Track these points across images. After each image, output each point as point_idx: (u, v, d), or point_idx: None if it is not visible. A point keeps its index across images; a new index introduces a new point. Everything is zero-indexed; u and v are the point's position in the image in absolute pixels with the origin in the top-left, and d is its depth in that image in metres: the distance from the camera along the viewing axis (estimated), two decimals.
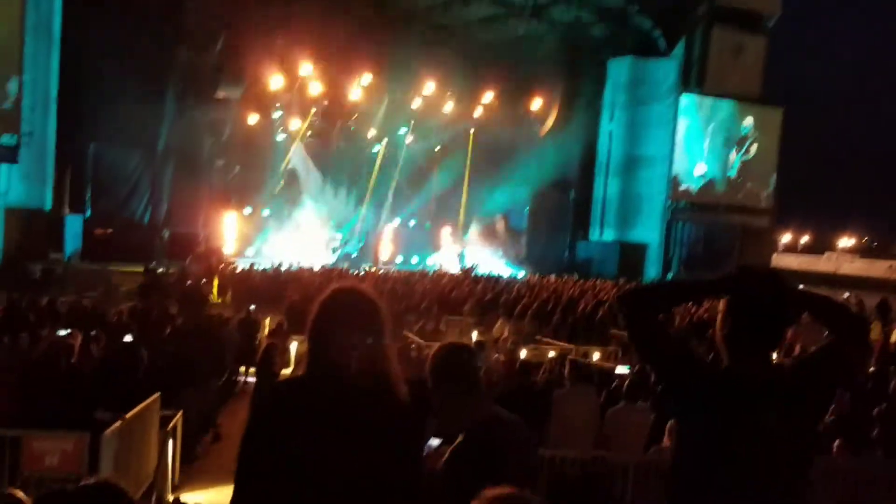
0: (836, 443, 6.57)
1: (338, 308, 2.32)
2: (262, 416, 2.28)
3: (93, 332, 8.11)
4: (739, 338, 2.49)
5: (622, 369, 9.71)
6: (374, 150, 33.95)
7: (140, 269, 21.97)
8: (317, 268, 25.71)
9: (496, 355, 9.94)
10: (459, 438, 2.70)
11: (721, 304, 2.57)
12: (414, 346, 10.65)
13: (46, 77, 23.89)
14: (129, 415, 5.83)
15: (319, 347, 2.30)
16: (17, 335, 7.37)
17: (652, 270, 32.65)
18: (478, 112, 32.72)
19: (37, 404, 5.77)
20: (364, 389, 2.24)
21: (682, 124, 32.13)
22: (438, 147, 35.06)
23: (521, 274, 30.69)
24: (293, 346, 12.11)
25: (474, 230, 35.47)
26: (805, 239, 76.56)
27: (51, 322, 9.76)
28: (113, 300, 15.69)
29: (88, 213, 27.01)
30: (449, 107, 32.11)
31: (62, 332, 8.00)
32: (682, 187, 32.55)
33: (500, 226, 36.33)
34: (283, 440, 2.18)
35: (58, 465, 5.42)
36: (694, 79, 32.16)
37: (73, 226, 25.83)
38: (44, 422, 5.60)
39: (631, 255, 32.53)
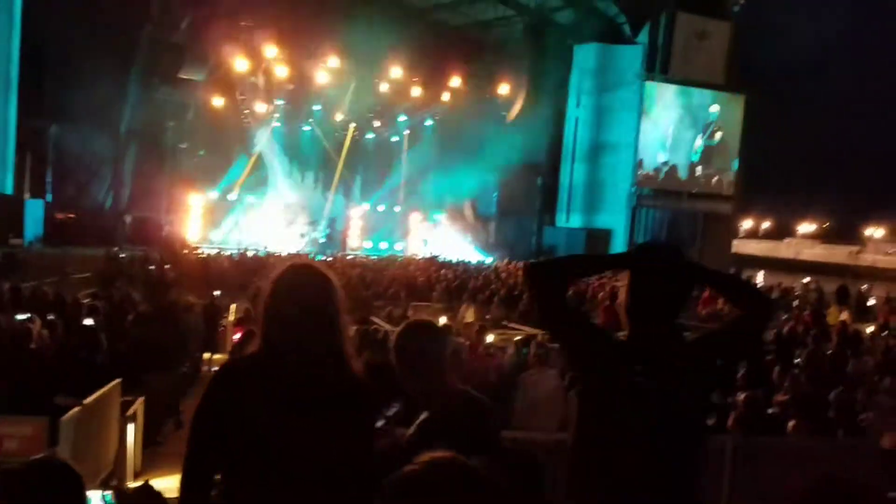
0: (791, 423, 6.70)
1: (290, 284, 2.33)
2: (214, 392, 2.28)
3: (50, 317, 8.00)
4: (638, 309, 2.57)
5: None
6: (342, 134, 33.73)
7: (102, 253, 21.68)
8: (284, 254, 25.55)
9: (462, 340, 9.96)
10: (424, 415, 2.72)
11: (625, 279, 2.63)
12: (380, 331, 10.64)
13: (7, 58, 23.45)
14: (87, 400, 5.78)
15: (272, 323, 2.31)
16: None
17: None
18: (445, 96, 32.64)
19: None
20: (316, 364, 2.26)
21: (647, 110, 32.36)
22: (407, 131, 34.95)
23: (489, 259, 30.80)
24: None
25: (442, 216, 35.48)
26: (766, 225, 77.77)
27: (11, 307, 9.59)
28: (74, 285, 15.46)
29: (49, 197, 26.53)
30: (416, 91, 31.99)
31: (21, 317, 7.86)
32: (647, 173, 32.84)
33: (468, 211, 36.36)
34: (235, 416, 2.19)
35: (17, 449, 5.36)
36: (659, 65, 32.35)
37: (34, 210, 25.40)
38: (2, 407, 5.53)
39: (597, 240, 32.74)
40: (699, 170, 33.63)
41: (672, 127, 32.95)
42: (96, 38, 24.27)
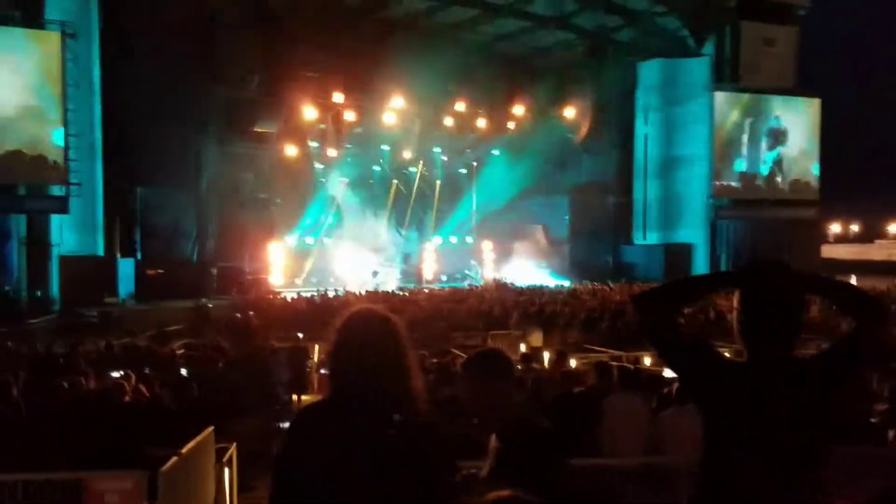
0: (892, 433, 6.42)
1: (353, 332, 2.41)
2: (290, 440, 2.37)
3: (146, 371, 8.35)
4: (754, 330, 2.52)
5: (672, 373, 9.59)
6: (411, 171, 34.23)
7: (191, 305, 22.46)
8: (362, 292, 25.93)
9: (539, 366, 9.92)
10: (493, 442, 2.78)
11: (734, 300, 2.59)
12: (457, 361, 10.68)
13: (90, 127, 24.66)
14: (184, 449, 5.98)
15: (338, 370, 2.40)
16: (74, 379, 7.62)
17: (699, 270, 32.19)
18: (510, 125, 32.81)
19: (94, 445, 5.96)
20: (383, 408, 2.32)
21: (719, 121, 31.76)
22: (474, 163, 35.20)
23: (566, 283, 30.55)
24: None
25: (515, 243, 35.44)
26: (855, 228, 74.69)
27: (107, 364, 10.04)
28: (166, 338, 16.04)
29: (139, 255, 27.70)
30: (481, 122, 32.26)
31: (116, 374, 8.23)
32: (724, 184, 32.13)
33: (540, 236, 36.23)
34: (309, 462, 2.27)
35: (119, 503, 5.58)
36: (727, 74, 31.82)
37: (126, 269, 26.53)
38: (101, 462, 5.77)
39: (676, 256, 32.17)
40: (779, 177, 32.72)
41: (746, 135, 32.24)
42: (173, 100, 25.44)
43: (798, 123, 32.79)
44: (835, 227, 68.94)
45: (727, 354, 2.73)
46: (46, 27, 22.74)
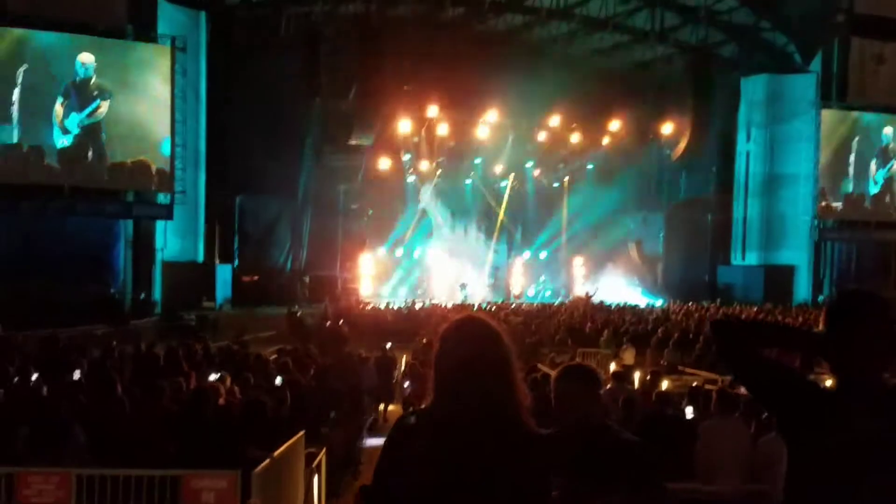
0: None
1: (458, 339, 2.31)
2: (394, 449, 2.31)
3: (242, 375, 8.55)
4: (843, 360, 2.37)
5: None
6: (503, 185, 34.21)
7: (284, 312, 23.00)
8: (449, 305, 26.01)
9: (632, 387, 9.66)
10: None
11: (821, 320, 2.42)
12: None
13: (196, 137, 25.66)
14: (276, 452, 6.07)
15: (443, 379, 2.30)
16: (174, 380, 7.86)
17: (802, 293, 30.99)
18: (605, 140, 32.38)
19: (191, 445, 6.12)
20: (491, 422, 2.22)
21: (825, 139, 30.49)
22: (566, 177, 34.89)
23: (658, 302, 29.84)
24: None
25: (607, 259, 34.88)
26: None
27: (204, 366, 10.34)
28: (260, 343, 16.46)
29: (236, 262, 28.60)
30: (575, 137, 31.97)
31: (213, 376, 8.46)
32: (829, 205, 30.78)
33: (633, 253, 35.55)
34: (410, 475, 2.21)
35: (214, 502, 5.71)
36: (834, 91, 30.56)
37: (223, 275, 27.42)
38: (198, 461, 5.92)
39: (777, 278, 31.04)
40: (888, 198, 31.13)
41: (853, 155, 30.84)
42: (272, 112, 26.25)
43: None
44: None
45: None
46: (158, 41, 23.82)
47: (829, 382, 3.44)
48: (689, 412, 8.41)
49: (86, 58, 22.57)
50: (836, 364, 2.39)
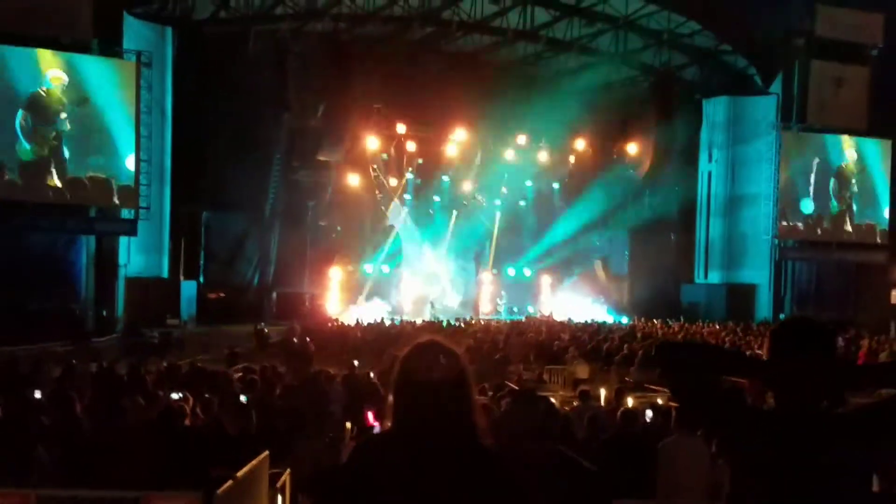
0: None
1: (418, 364, 2.34)
2: (352, 472, 2.34)
3: (206, 395, 8.47)
4: (785, 394, 2.41)
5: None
6: (471, 202, 34.35)
7: (250, 329, 22.79)
8: (418, 322, 25.98)
9: (597, 404, 9.75)
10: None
11: (764, 347, 2.48)
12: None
13: (161, 152, 25.45)
14: (239, 473, 6.02)
15: (402, 404, 2.33)
16: (135, 399, 7.77)
17: (763, 311, 31.45)
18: (572, 159, 32.75)
19: (152, 465, 6.05)
20: (449, 444, 2.27)
21: (786, 160, 31.09)
22: (533, 196, 35.17)
23: (624, 320, 30.11)
24: None
25: (573, 277, 35.14)
26: None
27: (167, 385, 10.22)
28: (225, 361, 16.28)
29: (202, 278, 28.30)
30: (542, 156, 32.27)
31: (175, 395, 8.38)
32: (789, 225, 31.35)
33: (599, 272, 35.86)
34: (372, 496, 2.23)
35: None
36: (795, 114, 31.21)
37: (188, 291, 27.11)
38: (161, 482, 5.85)
39: (739, 296, 31.51)
40: (847, 219, 31.78)
41: (813, 175, 31.46)
42: (240, 128, 26.16)
43: (868, 165, 31.88)
44: None
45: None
46: (124, 56, 23.64)
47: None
48: (649, 415, 8.52)
49: (54, 73, 22.40)
50: (777, 391, 2.43)
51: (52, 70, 22.39)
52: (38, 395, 8.95)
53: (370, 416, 8.41)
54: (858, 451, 2.32)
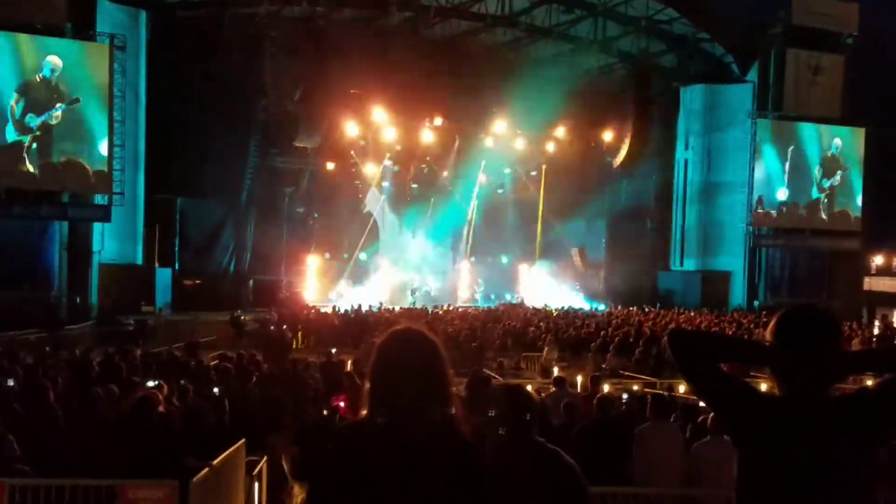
0: None
1: (395, 353, 2.33)
2: (329, 460, 2.32)
3: (181, 382, 8.41)
4: (788, 382, 2.44)
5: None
6: (450, 189, 34.32)
7: (226, 317, 22.66)
8: (397, 309, 25.96)
9: (575, 391, 9.81)
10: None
11: (768, 332, 2.49)
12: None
13: (135, 138, 25.12)
14: (216, 461, 6.00)
15: (379, 391, 2.31)
16: (109, 387, 7.68)
17: (737, 298, 31.80)
18: (550, 146, 32.79)
19: (129, 454, 6.00)
20: (426, 432, 2.26)
21: (761, 148, 31.35)
22: (512, 183, 35.21)
23: (601, 307, 30.30)
24: None
25: (551, 264, 35.26)
26: None
27: (142, 374, 10.13)
28: (201, 349, 16.18)
29: (177, 265, 28.02)
30: (521, 143, 32.29)
31: (151, 384, 8.31)
32: (765, 212, 31.64)
33: (577, 259, 36.02)
34: (348, 484, 2.23)
35: None
36: (771, 102, 31.45)
37: (163, 279, 26.85)
38: (136, 471, 5.81)
39: (714, 283, 31.83)
40: (821, 206, 32.13)
41: (788, 163, 31.76)
42: (216, 113, 25.86)
43: (843, 153, 32.22)
44: (878, 259, 67.40)
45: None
46: (97, 39, 23.28)
47: (763, 386, 3.54)
48: (624, 397, 8.61)
49: (55, 60, 22.25)
50: (784, 378, 2.45)
51: (56, 58, 22.29)
52: (10, 383, 8.85)
53: (340, 404, 8.37)
54: (865, 437, 2.34)
